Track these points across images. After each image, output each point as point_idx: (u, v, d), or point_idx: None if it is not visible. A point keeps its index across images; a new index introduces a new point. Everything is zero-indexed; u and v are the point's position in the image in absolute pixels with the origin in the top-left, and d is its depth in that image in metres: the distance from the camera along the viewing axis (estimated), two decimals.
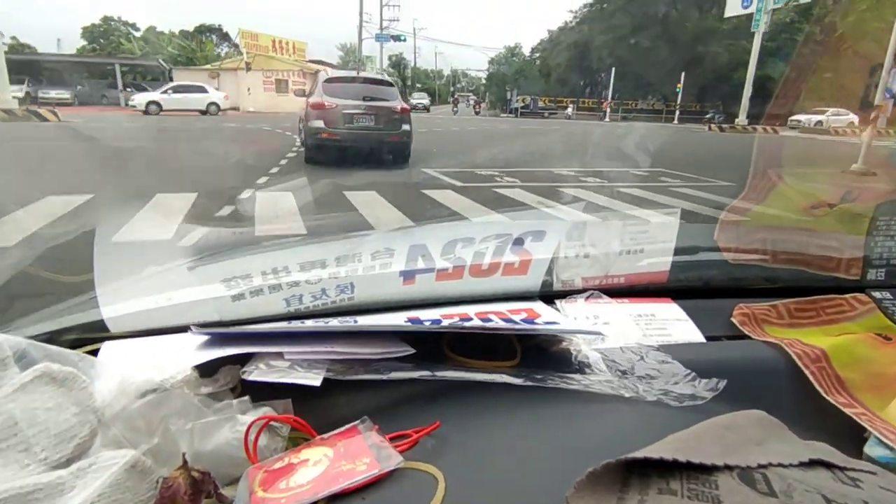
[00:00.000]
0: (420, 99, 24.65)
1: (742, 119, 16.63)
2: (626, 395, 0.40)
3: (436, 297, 0.53)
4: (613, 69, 24.02)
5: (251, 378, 0.38)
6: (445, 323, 0.46)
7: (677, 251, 0.58)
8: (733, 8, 18.60)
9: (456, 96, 29.87)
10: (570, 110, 25.06)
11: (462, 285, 0.53)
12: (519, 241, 0.52)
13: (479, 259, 0.52)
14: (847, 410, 0.41)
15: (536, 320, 0.48)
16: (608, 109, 24.04)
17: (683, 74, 22.42)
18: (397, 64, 39.73)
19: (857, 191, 0.58)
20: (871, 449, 0.39)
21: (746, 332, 0.52)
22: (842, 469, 0.28)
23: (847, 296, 0.58)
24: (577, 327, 0.46)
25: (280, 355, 0.40)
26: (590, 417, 0.39)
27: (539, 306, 0.52)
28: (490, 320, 0.48)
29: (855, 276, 0.61)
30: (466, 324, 0.46)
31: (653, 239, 0.57)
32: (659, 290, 0.58)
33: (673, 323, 0.53)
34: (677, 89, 23.05)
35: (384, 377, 0.40)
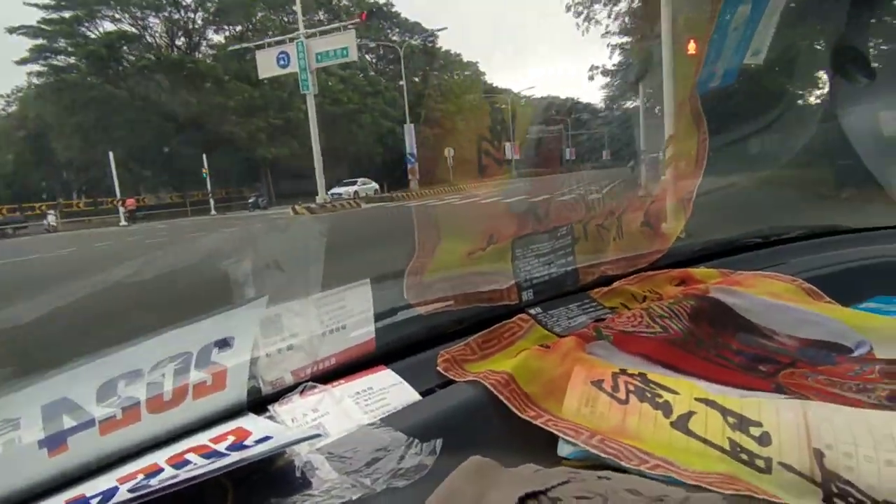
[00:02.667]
0: None
1: (322, 196, 15.44)
2: (354, 496, 0.37)
3: (108, 457, 0.40)
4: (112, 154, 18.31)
5: None
6: (125, 489, 0.36)
7: (377, 317, 0.60)
8: (267, 68, 16.42)
9: None
10: (50, 219, 17.43)
11: (143, 429, 0.42)
12: (204, 355, 0.45)
13: (156, 391, 0.42)
14: (537, 422, 0.48)
15: (247, 441, 0.41)
16: (124, 208, 18.47)
17: (205, 157, 20.04)
18: None
19: (497, 232, 0.70)
20: (560, 449, 0.45)
21: (451, 377, 0.56)
22: (544, 493, 0.31)
23: (514, 318, 0.69)
24: (292, 435, 0.41)
25: None
26: None
27: (249, 421, 0.46)
28: (187, 463, 0.39)
29: (515, 301, 0.73)
30: (153, 481, 0.36)
31: (351, 311, 0.57)
32: (371, 360, 0.58)
33: (389, 390, 0.53)
34: (204, 174, 20.48)
35: None
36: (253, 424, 0.45)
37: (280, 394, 0.50)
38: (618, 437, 0.46)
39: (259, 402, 0.49)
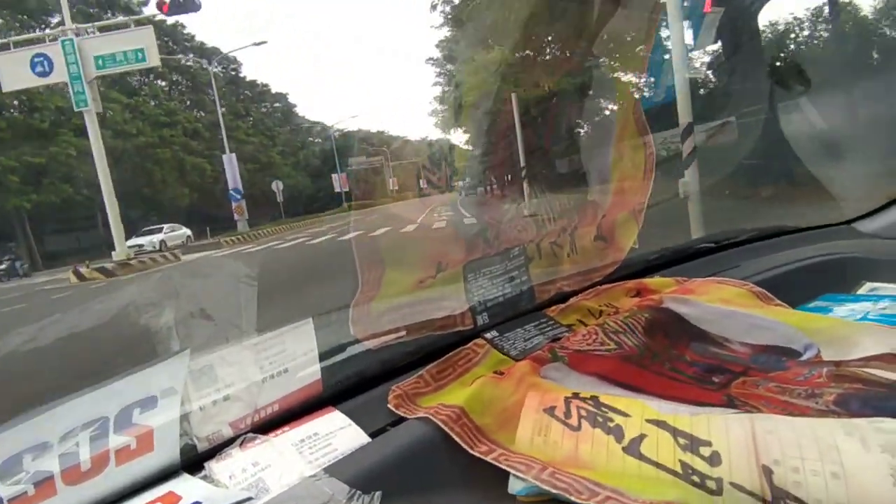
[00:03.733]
0: None
1: (122, 251, 11.12)
2: None
3: None
4: None
5: None
6: None
7: (323, 356, 0.57)
8: (16, 78, 10.84)
9: None
10: None
11: (61, 502, 0.38)
12: (123, 418, 0.42)
13: (71, 461, 0.39)
14: (488, 458, 0.46)
15: None
16: None
17: None
18: None
19: (447, 259, 0.69)
20: (512, 486, 0.44)
21: (402, 414, 0.54)
22: None
23: (469, 345, 0.68)
24: (223, 500, 0.39)
25: None
26: None
27: (182, 483, 0.43)
28: None
29: (470, 326, 0.72)
30: None
31: (293, 353, 0.54)
32: (318, 402, 0.56)
33: (336, 434, 0.51)
34: None
35: None
36: (185, 487, 0.42)
37: (217, 449, 0.47)
38: (570, 468, 0.44)
39: (195, 461, 0.46)
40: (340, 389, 0.58)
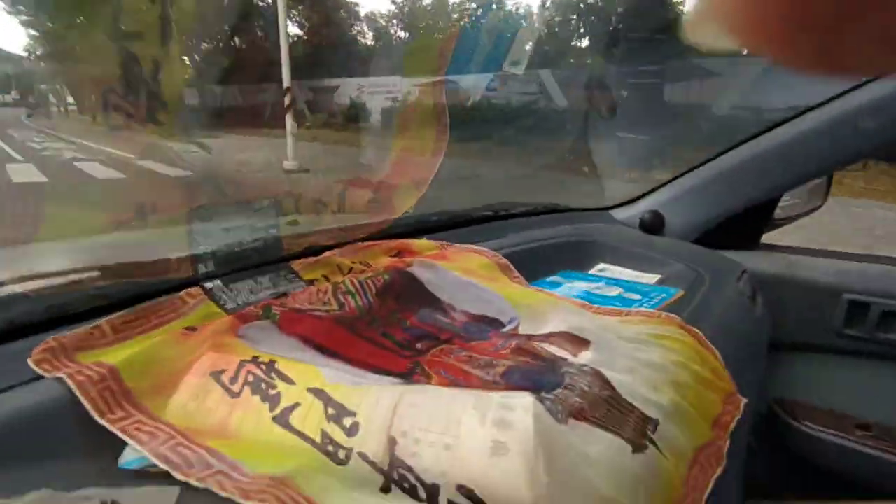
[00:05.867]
0: None
1: None
2: None
3: None
4: None
5: None
6: None
7: None
8: None
9: None
10: None
11: None
12: None
13: None
14: (116, 426, 0.41)
15: None
16: None
17: None
18: None
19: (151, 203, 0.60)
20: (123, 457, 0.39)
21: (42, 371, 0.46)
22: None
23: (181, 293, 0.61)
24: None
25: None
26: None
27: None
28: None
29: (188, 274, 0.64)
30: None
31: None
32: None
33: None
34: None
35: None
36: None
37: None
38: (211, 438, 0.41)
39: None
40: None
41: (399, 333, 0.64)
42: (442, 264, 0.80)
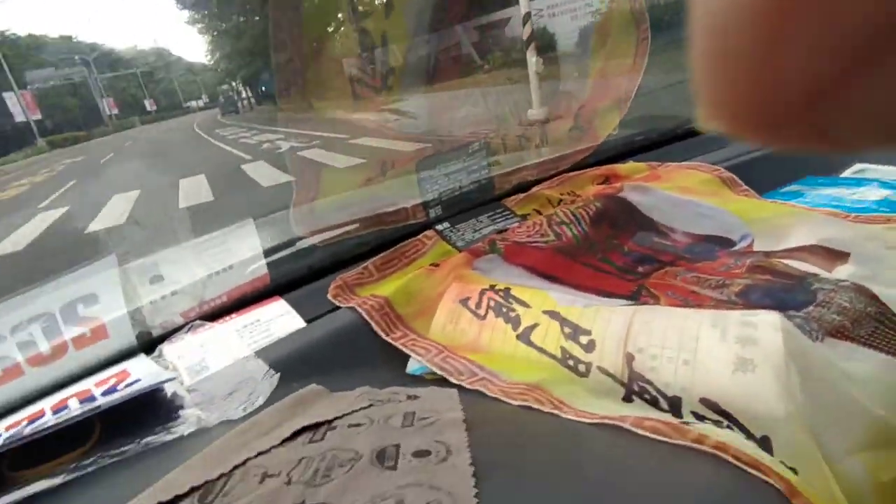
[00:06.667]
0: None
1: None
2: (211, 424, 0.42)
3: None
4: None
5: None
6: (5, 435, 0.41)
7: (268, 252, 0.62)
8: None
9: None
10: None
11: (28, 381, 0.47)
12: (69, 313, 0.49)
13: (31, 349, 0.47)
14: (398, 342, 0.52)
15: (119, 385, 0.46)
16: None
17: None
18: None
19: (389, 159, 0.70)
20: (409, 366, 0.50)
21: (339, 303, 0.59)
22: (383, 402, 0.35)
23: (420, 236, 0.71)
24: (152, 378, 0.46)
25: None
26: (178, 461, 0.40)
27: (135, 363, 0.51)
28: (66, 408, 0.44)
29: (422, 219, 0.75)
30: (27, 429, 0.42)
31: (235, 252, 0.59)
32: (265, 293, 0.62)
33: (276, 320, 0.57)
34: None
35: None
36: (136, 366, 0.50)
37: (170, 334, 0.55)
38: (467, 352, 0.50)
39: (151, 344, 0.54)
40: (288, 281, 0.64)
41: (619, 258, 0.65)
42: (654, 185, 0.77)
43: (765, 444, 0.36)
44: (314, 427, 0.34)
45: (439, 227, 0.74)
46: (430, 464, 0.28)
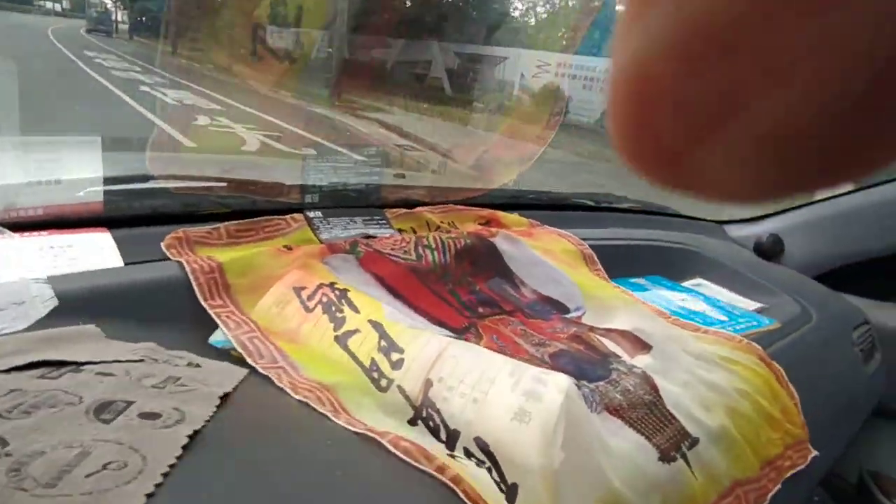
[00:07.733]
0: None
1: None
2: None
3: None
4: None
5: None
6: None
7: (112, 180, 0.57)
8: None
9: None
10: None
11: None
12: None
13: None
14: (213, 310, 0.49)
15: None
16: None
17: None
18: None
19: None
20: (213, 336, 0.47)
21: (170, 256, 0.55)
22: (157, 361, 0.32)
23: (287, 216, 0.69)
24: None
25: None
26: None
27: None
28: None
29: (296, 200, 0.73)
30: None
31: (69, 168, 0.54)
32: (93, 221, 0.56)
33: (91, 252, 0.52)
34: None
35: None
36: None
37: None
38: (282, 340, 0.48)
39: None
40: (124, 217, 0.58)
41: (465, 294, 0.67)
42: (525, 241, 0.81)
43: (512, 490, 0.38)
44: (57, 364, 0.31)
45: (310, 213, 0.72)
46: (149, 427, 0.26)
